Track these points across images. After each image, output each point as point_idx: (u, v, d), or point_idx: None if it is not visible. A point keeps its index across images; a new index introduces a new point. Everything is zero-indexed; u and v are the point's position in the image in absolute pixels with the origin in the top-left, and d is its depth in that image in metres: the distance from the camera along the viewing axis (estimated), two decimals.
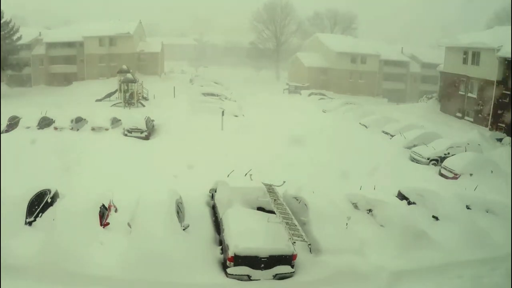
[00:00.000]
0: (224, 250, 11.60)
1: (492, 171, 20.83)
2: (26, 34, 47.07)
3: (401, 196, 16.00)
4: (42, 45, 51.27)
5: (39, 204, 12.51)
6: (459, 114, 37.08)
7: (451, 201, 15.00)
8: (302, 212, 13.57)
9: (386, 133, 29.84)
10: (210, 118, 29.29)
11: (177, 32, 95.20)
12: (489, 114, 32.97)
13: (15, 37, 44.75)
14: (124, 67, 39.26)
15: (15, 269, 10.32)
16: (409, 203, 15.49)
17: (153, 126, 28.19)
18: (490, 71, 32.54)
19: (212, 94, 41.63)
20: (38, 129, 26.06)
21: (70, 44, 51.41)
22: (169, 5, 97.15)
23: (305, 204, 13.72)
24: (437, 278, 11.68)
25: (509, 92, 30.75)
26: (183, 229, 12.19)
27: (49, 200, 12.99)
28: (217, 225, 13.32)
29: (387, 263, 11.92)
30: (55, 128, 26.29)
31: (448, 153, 23.39)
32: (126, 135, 25.78)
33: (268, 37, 71.05)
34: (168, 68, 63.38)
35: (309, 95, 50.03)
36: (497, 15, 62.05)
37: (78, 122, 27.08)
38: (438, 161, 23.31)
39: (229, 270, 11.01)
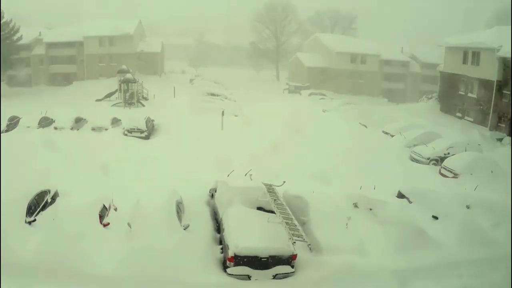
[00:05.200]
0: (224, 249, 11.61)
1: (492, 171, 20.79)
2: (26, 34, 47.10)
3: (401, 196, 16.01)
4: (42, 45, 51.29)
5: (39, 204, 12.51)
6: (459, 114, 37.07)
7: (451, 201, 15.01)
8: (302, 212, 13.58)
9: (386, 133, 29.84)
10: (210, 118, 29.28)
11: (177, 32, 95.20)
12: (489, 114, 32.97)
13: (15, 37, 44.78)
14: (124, 67, 39.29)
15: (15, 268, 10.33)
16: (409, 202, 15.50)
17: (153, 126, 28.20)
18: (490, 71, 32.52)
19: (212, 94, 41.64)
20: (38, 129, 26.05)
21: (70, 44, 51.34)
22: (169, 5, 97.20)
23: (305, 204, 13.73)
24: (436, 277, 11.69)
25: (509, 92, 30.73)
26: (184, 229, 12.20)
27: (49, 200, 13.00)
28: (217, 225, 13.33)
29: (387, 262, 11.94)
30: (55, 128, 26.29)
31: (448, 153, 23.38)
32: (126, 135, 25.79)
33: (268, 37, 71.05)
34: (168, 68, 63.37)
35: (309, 95, 50.02)
36: (497, 15, 62.02)
37: (78, 122, 27.10)
38: (438, 161, 23.31)
39: (229, 270, 11.02)
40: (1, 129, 25.06)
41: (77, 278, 10.37)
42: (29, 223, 11.78)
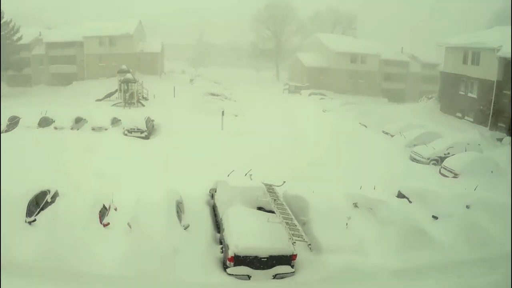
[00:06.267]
0: (224, 249, 11.61)
1: (492, 171, 20.81)
2: (26, 34, 47.14)
3: (401, 196, 16.01)
4: (42, 45, 51.32)
5: (39, 204, 12.52)
6: (459, 114, 37.07)
7: (451, 201, 15.00)
8: (302, 212, 13.58)
9: (386, 133, 29.85)
10: (210, 118, 29.31)
11: (177, 32, 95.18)
12: (489, 114, 32.95)
13: (15, 37, 44.79)
14: (124, 67, 39.25)
15: (15, 268, 10.33)
16: (409, 202, 15.50)
17: (153, 126, 28.20)
18: (490, 71, 32.51)
19: (212, 94, 41.69)
20: (38, 129, 26.05)
21: (70, 44, 51.34)
22: (169, 5, 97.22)
23: (305, 204, 13.73)
24: (436, 277, 11.69)
25: (509, 92, 30.71)
26: (184, 229, 12.21)
27: (49, 200, 13.00)
28: (217, 225, 13.33)
29: (387, 262, 11.94)
30: (55, 128, 26.29)
31: (448, 153, 23.39)
32: (126, 134, 25.79)
33: (269, 37, 71.00)
34: (168, 68, 63.34)
35: (309, 95, 50.03)
36: (497, 15, 62.04)
37: (78, 122, 27.10)
38: (438, 161, 23.31)
39: (229, 270, 11.02)
40: (1, 129, 25.05)
41: (77, 278, 10.37)
42: (29, 223, 11.79)
